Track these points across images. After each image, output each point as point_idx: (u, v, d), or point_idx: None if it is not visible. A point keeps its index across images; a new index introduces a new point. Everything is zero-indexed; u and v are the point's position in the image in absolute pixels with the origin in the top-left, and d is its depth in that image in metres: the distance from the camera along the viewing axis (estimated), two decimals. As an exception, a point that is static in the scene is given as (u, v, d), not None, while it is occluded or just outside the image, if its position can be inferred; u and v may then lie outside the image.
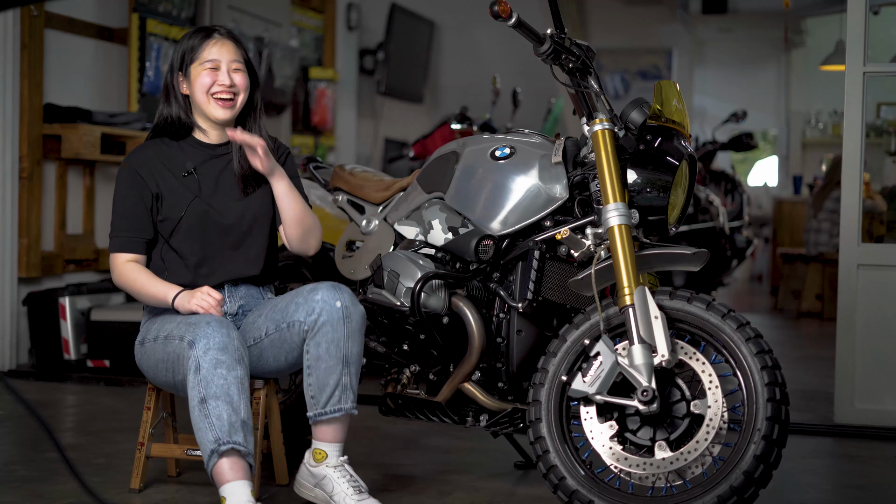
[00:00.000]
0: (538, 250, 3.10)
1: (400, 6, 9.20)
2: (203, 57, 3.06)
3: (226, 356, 2.79)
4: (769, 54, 13.07)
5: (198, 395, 2.77)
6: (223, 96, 3.06)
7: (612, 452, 2.88)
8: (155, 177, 3.05)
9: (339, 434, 3.00)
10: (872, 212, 6.87)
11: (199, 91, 3.06)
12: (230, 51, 3.08)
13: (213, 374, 2.77)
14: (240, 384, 2.80)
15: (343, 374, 2.94)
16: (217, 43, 3.08)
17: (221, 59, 3.06)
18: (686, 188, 3.08)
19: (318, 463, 3.01)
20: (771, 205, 11.26)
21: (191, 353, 2.80)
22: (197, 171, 3.09)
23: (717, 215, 7.37)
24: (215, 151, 3.13)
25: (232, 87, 3.06)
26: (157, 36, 5.99)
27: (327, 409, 2.95)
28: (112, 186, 5.81)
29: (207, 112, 3.08)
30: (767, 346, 2.82)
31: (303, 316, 2.94)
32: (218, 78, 3.05)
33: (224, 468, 2.76)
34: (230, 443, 2.75)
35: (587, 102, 3.01)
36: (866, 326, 4.36)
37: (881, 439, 4.21)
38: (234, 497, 2.75)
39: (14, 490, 3.17)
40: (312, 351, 2.94)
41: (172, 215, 3.04)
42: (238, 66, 3.09)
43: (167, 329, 2.96)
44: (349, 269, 3.55)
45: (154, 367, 3.02)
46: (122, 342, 5.12)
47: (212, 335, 2.80)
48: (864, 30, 4.38)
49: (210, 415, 2.76)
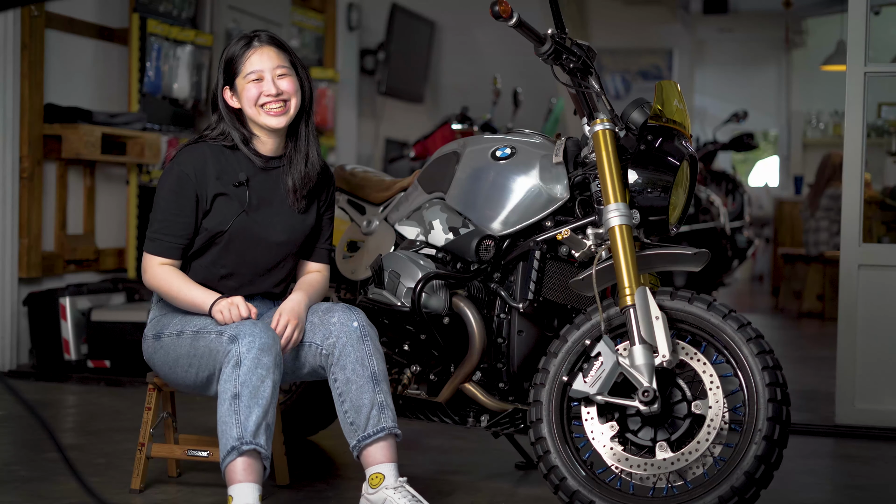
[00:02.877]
0: (539, 250, 3.10)
1: (400, 6, 9.20)
2: (245, 69, 2.98)
3: (268, 358, 2.78)
4: (770, 54, 13.07)
5: (232, 389, 2.75)
6: (273, 106, 2.98)
7: (613, 453, 2.88)
8: (206, 183, 2.97)
9: (389, 453, 2.90)
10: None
11: (247, 105, 2.99)
12: (272, 57, 3.00)
13: (252, 374, 2.75)
14: (274, 388, 2.79)
15: (376, 392, 2.89)
16: (257, 51, 2.99)
17: (264, 67, 2.98)
18: (687, 188, 3.07)
19: (376, 488, 2.88)
20: (772, 205, 11.26)
21: (231, 348, 2.77)
22: (249, 182, 3.02)
23: (717, 215, 7.37)
24: (269, 164, 3.06)
25: (280, 95, 2.98)
26: (157, 36, 5.98)
27: (368, 430, 2.88)
28: (112, 186, 5.81)
29: (261, 122, 3.00)
30: (768, 347, 2.82)
31: (319, 339, 2.93)
32: (263, 88, 2.97)
33: (239, 468, 2.74)
34: (253, 444, 2.74)
35: (588, 102, 3.00)
36: (867, 327, 4.35)
37: (882, 440, 4.21)
38: (242, 498, 2.73)
39: (14, 490, 3.17)
40: (339, 376, 2.90)
41: (216, 228, 2.98)
42: (283, 72, 3.00)
43: (197, 323, 2.92)
44: (350, 270, 3.54)
45: (173, 362, 2.97)
46: (122, 342, 5.12)
47: (258, 335, 2.79)
48: (865, 30, 4.38)
49: (240, 412, 2.74)
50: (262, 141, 3.05)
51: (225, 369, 2.78)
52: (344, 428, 2.92)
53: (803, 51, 12.74)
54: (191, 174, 2.97)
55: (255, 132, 3.05)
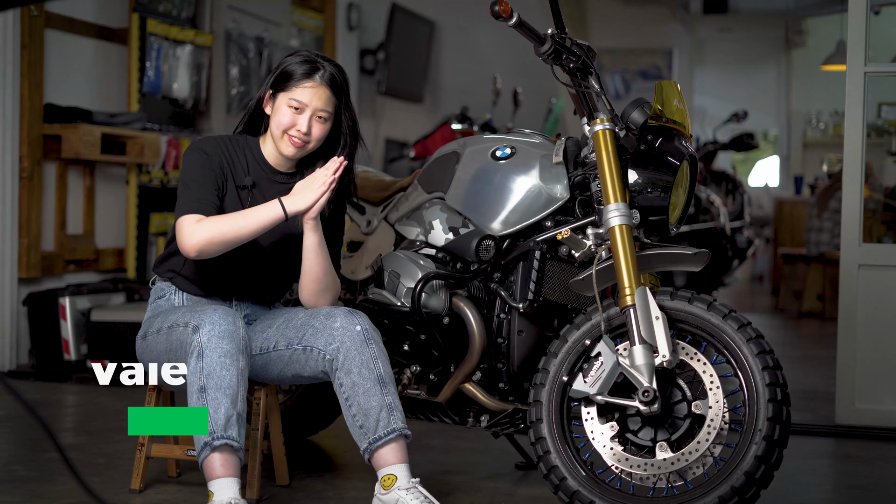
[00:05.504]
0: (539, 250, 3.10)
1: (400, 6, 9.20)
2: (293, 93, 2.96)
3: (230, 345, 2.77)
4: (770, 54, 13.07)
5: (198, 382, 2.76)
6: (295, 138, 2.98)
7: (613, 453, 2.88)
8: (223, 171, 2.99)
9: (401, 454, 2.87)
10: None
11: (275, 125, 2.99)
12: (322, 98, 2.97)
13: (215, 364, 2.75)
14: (240, 376, 2.78)
15: (384, 395, 2.87)
16: (314, 87, 2.96)
17: (310, 105, 2.96)
18: (687, 188, 3.07)
19: (388, 489, 2.85)
20: (772, 205, 11.26)
21: (194, 339, 2.78)
22: (254, 188, 3.03)
23: (717, 215, 7.37)
24: (276, 177, 3.07)
25: (306, 136, 2.98)
26: (157, 36, 5.98)
27: (379, 433, 2.86)
28: (112, 186, 5.81)
29: (278, 146, 3.01)
30: (768, 347, 2.82)
31: (322, 344, 2.91)
32: (297, 122, 2.97)
33: (215, 463, 2.76)
34: (224, 437, 2.75)
35: (588, 102, 3.00)
36: (867, 327, 4.35)
37: (882, 440, 4.21)
38: (222, 494, 2.75)
39: (14, 490, 3.17)
40: (345, 380, 2.88)
41: None
42: (323, 115, 2.98)
43: (171, 319, 2.93)
44: (350, 270, 3.54)
45: (156, 361, 2.99)
46: (122, 342, 5.11)
47: (218, 321, 2.78)
48: (865, 30, 4.38)
49: (208, 405, 2.75)
50: (272, 153, 3.06)
51: (190, 360, 2.78)
52: (353, 431, 2.90)
53: (803, 51, 12.73)
54: (211, 154, 2.98)
55: (270, 142, 3.05)
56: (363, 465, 3.48)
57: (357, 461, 3.48)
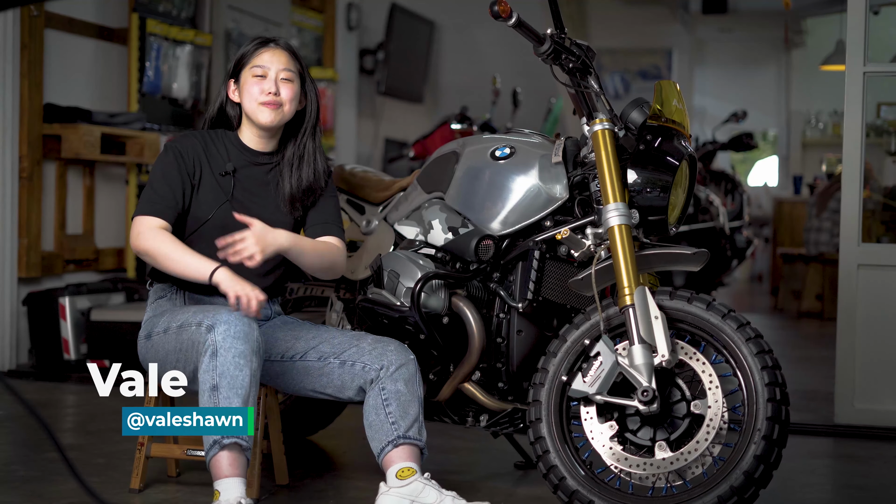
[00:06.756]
0: (538, 250, 3.10)
1: (400, 6, 9.20)
2: (252, 62, 3.05)
3: (245, 346, 2.78)
4: (769, 54, 13.07)
5: (210, 380, 2.76)
6: (268, 101, 3.03)
7: (612, 452, 2.88)
8: (197, 166, 3.03)
9: (417, 455, 2.92)
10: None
11: (247, 101, 3.05)
12: (281, 59, 3.06)
13: (229, 364, 2.76)
14: (252, 377, 2.79)
15: (420, 412, 2.93)
16: (269, 51, 3.06)
17: (271, 66, 3.04)
18: (686, 188, 3.07)
19: (407, 479, 2.86)
20: (771, 205, 11.26)
21: (208, 337, 2.78)
22: (235, 173, 3.07)
23: (717, 215, 7.37)
24: (257, 159, 3.11)
25: (277, 96, 3.03)
26: (156, 36, 5.99)
27: (410, 434, 2.90)
28: (111, 186, 5.81)
29: (255, 119, 3.06)
30: (768, 347, 2.82)
31: (368, 360, 2.94)
32: (264, 85, 3.03)
33: (223, 462, 2.76)
34: (234, 437, 2.75)
35: (587, 102, 3.00)
36: (866, 326, 4.35)
37: (881, 439, 4.21)
38: (229, 493, 2.75)
39: (14, 490, 3.17)
40: (389, 387, 2.92)
41: (199, 214, 3.02)
42: (287, 76, 3.05)
43: (180, 319, 2.93)
44: (349, 269, 3.54)
45: (163, 360, 2.99)
46: (122, 342, 5.11)
47: (233, 322, 2.79)
48: (865, 30, 4.38)
49: (220, 404, 2.75)
50: (251, 136, 3.10)
51: (203, 359, 2.78)
52: (378, 428, 2.90)
53: (803, 51, 12.73)
54: (185, 155, 3.03)
55: (247, 127, 3.10)
56: (363, 465, 3.49)
57: (357, 461, 3.48)
